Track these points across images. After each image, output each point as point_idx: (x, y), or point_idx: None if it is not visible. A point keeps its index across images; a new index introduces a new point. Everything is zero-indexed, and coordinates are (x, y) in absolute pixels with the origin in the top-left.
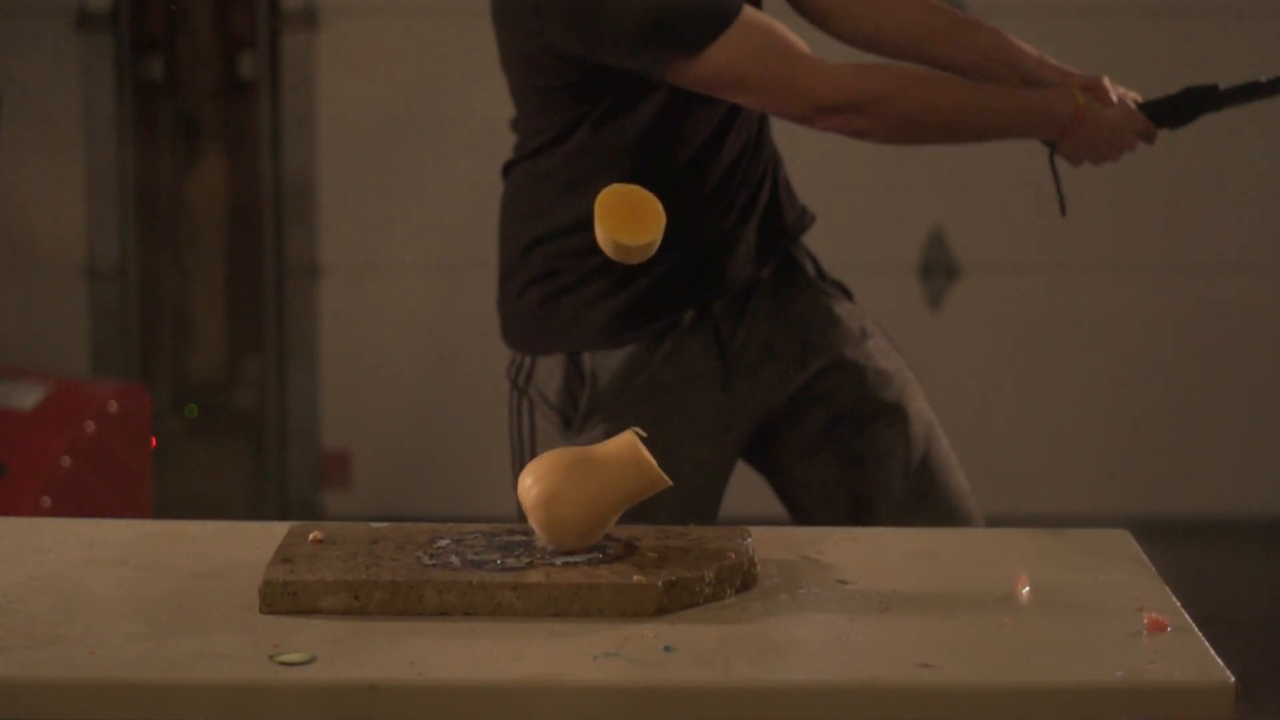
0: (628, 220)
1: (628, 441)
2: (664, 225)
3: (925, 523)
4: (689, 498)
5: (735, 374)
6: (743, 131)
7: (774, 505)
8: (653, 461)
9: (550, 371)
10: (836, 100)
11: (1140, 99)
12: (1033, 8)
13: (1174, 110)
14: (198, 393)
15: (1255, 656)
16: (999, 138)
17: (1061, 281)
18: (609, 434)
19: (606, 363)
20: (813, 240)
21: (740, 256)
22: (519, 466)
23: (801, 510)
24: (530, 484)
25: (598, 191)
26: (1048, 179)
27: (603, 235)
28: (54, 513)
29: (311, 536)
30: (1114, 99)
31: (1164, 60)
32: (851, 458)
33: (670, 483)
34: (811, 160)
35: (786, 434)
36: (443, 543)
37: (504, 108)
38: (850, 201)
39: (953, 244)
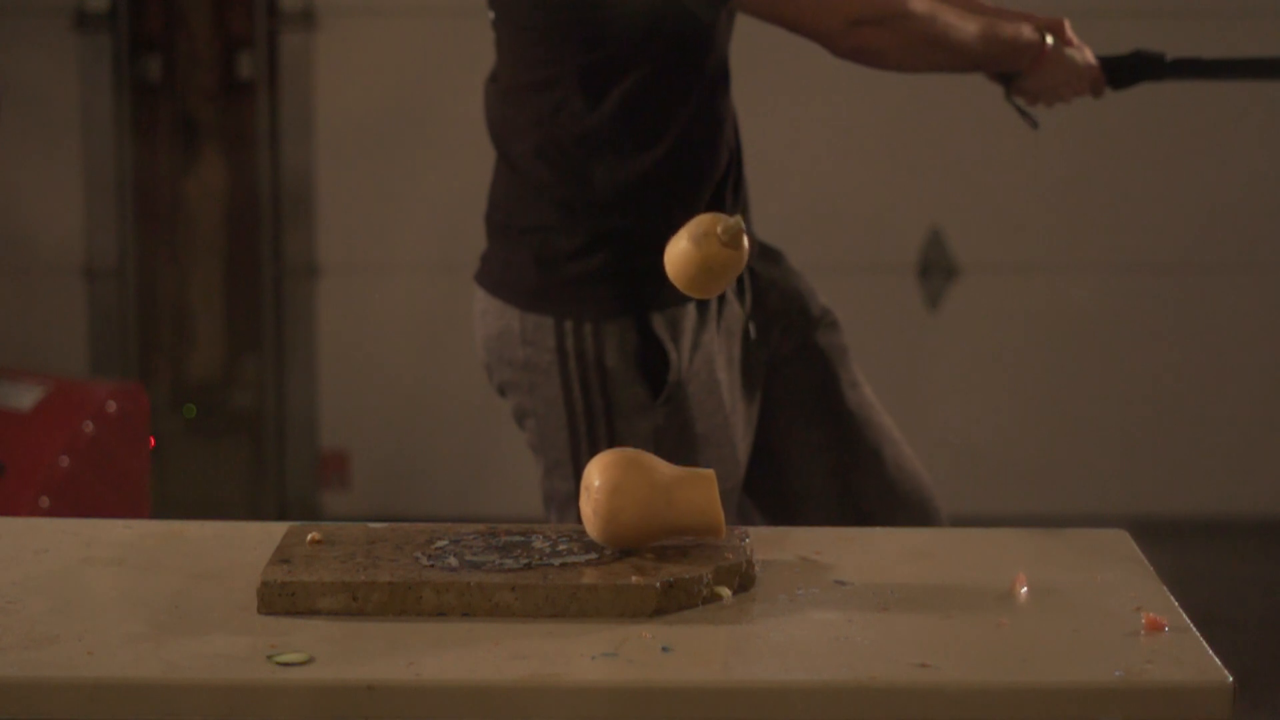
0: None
1: (706, 477)
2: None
3: (904, 495)
4: (742, 457)
5: (754, 330)
6: (730, 116)
7: None
8: (720, 508)
9: (623, 337)
10: (868, 12)
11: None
12: (1032, 8)
13: (1120, 70)
14: (196, 392)
15: (1253, 656)
16: (982, 68)
17: (1060, 281)
18: (699, 396)
19: (674, 322)
20: (812, 240)
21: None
22: (581, 442)
23: (777, 486)
24: (603, 466)
25: (654, 145)
26: (1047, 177)
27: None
28: (52, 512)
29: (310, 537)
30: (1075, 43)
31: None
32: (839, 419)
33: (723, 536)
34: (811, 160)
35: (779, 395)
36: (441, 543)
37: None
38: (849, 201)
39: (951, 244)
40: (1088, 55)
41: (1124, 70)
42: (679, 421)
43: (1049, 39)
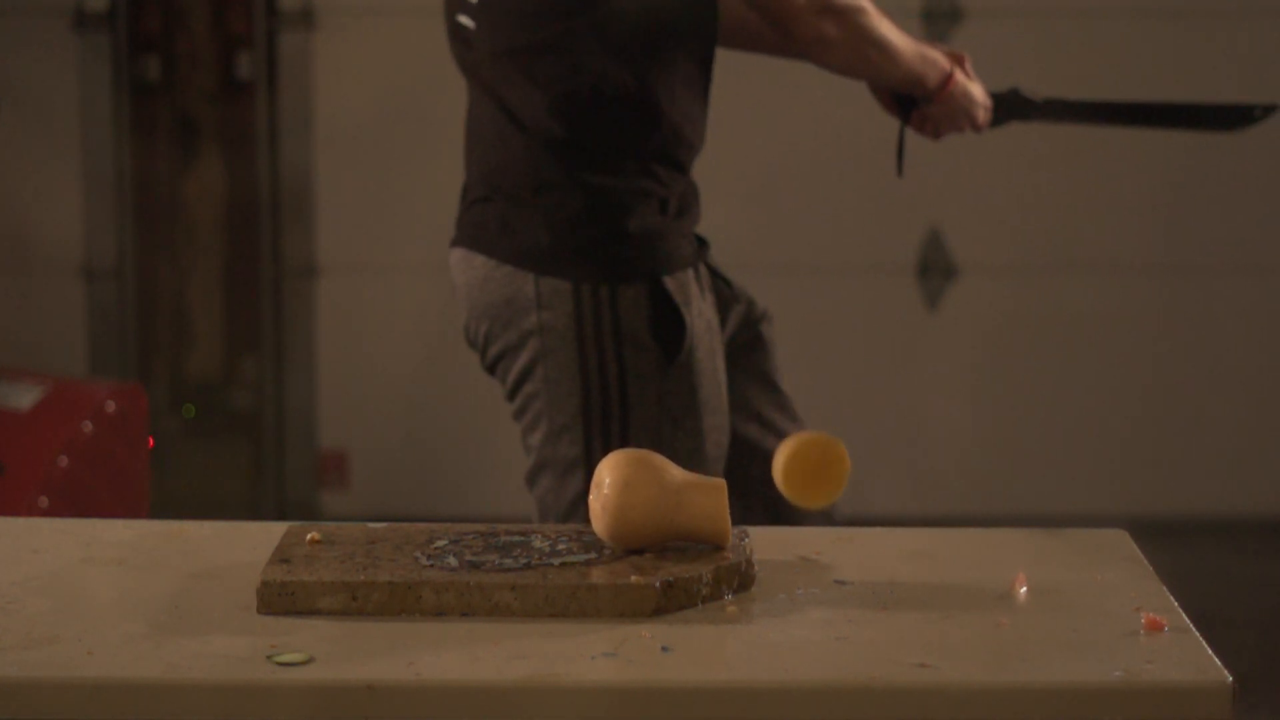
0: (812, 479)
1: (717, 486)
2: (847, 476)
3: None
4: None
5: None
6: None
7: None
8: (728, 518)
9: (636, 301)
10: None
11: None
12: (1032, 8)
13: (997, 107)
14: (195, 393)
15: (1253, 656)
16: (907, 84)
17: (1059, 282)
18: (704, 361)
19: (683, 286)
20: (812, 241)
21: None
22: (594, 407)
23: (727, 470)
24: (615, 464)
25: (672, 104)
26: (1046, 177)
27: (786, 489)
28: (51, 513)
29: (309, 537)
30: (973, 76)
31: (1162, 60)
32: (781, 412)
33: (728, 545)
34: (809, 160)
35: (737, 380)
36: (440, 543)
37: None
38: (848, 202)
39: (950, 244)
40: (982, 90)
41: (999, 107)
42: (687, 386)
43: (956, 70)
